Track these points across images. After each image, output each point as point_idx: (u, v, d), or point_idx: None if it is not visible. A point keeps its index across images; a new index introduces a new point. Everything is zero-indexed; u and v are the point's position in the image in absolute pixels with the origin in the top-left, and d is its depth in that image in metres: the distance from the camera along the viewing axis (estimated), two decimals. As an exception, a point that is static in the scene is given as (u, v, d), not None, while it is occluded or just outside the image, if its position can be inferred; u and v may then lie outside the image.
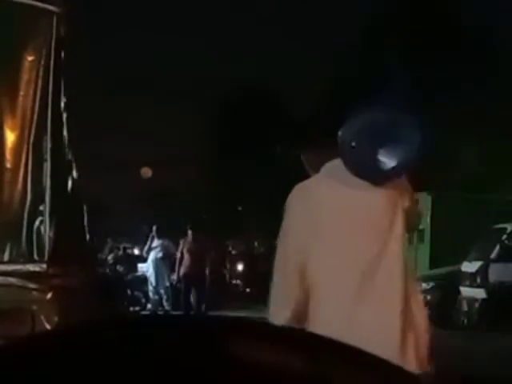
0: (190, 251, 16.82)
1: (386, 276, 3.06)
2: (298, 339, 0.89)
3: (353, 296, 3.05)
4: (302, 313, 3.15)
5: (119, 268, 20.99)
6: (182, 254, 17.11)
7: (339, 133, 3.10)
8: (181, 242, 17.46)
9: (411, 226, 3.30)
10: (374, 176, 3.05)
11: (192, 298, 17.21)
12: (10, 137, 5.85)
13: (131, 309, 18.75)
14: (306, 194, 3.20)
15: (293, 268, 3.14)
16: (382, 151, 2.99)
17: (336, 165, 3.14)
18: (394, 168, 3.00)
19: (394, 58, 31.10)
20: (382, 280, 3.06)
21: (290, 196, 3.28)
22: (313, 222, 3.12)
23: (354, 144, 3.04)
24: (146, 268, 20.02)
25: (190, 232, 17.24)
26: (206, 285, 17.21)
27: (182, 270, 16.95)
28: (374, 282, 3.06)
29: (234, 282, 29.32)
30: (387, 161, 2.98)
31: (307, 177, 3.36)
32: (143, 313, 17.99)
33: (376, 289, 3.06)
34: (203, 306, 16.91)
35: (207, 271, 17.13)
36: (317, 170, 3.26)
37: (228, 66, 40.62)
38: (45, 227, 5.78)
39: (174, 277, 18.13)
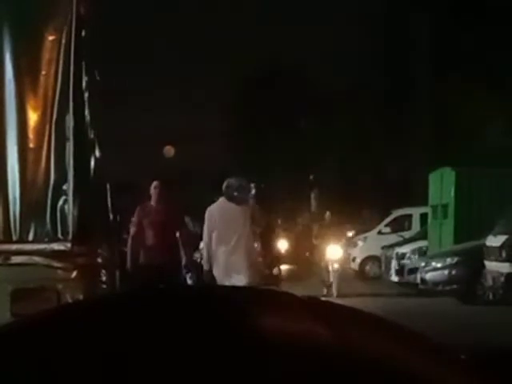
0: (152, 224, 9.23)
1: (241, 243, 8.13)
2: (323, 310, 0.89)
3: (227, 253, 8.10)
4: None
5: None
6: (138, 227, 9.92)
7: (223, 187, 8.29)
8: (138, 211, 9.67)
9: (257, 223, 8.72)
10: (236, 202, 8.13)
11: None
12: (33, 116, 5.84)
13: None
14: (213, 208, 8.33)
15: (207, 241, 8.31)
16: (236, 194, 8.18)
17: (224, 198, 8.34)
18: (242, 200, 8.23)
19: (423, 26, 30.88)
20: (239, 245, 8.12)
21: (207, 211, 8.35)
22: (213, 220, 8.22)
23: (230, 191, 8.19)
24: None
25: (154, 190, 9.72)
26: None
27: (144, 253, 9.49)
28: (236, 246, 8.12)
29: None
30: (239, 197, 8.17)
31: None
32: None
33: (237, 249, 8.11)
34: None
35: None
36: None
37: (254, 40, 40.46)
38: (69, 206, 5.78)
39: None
